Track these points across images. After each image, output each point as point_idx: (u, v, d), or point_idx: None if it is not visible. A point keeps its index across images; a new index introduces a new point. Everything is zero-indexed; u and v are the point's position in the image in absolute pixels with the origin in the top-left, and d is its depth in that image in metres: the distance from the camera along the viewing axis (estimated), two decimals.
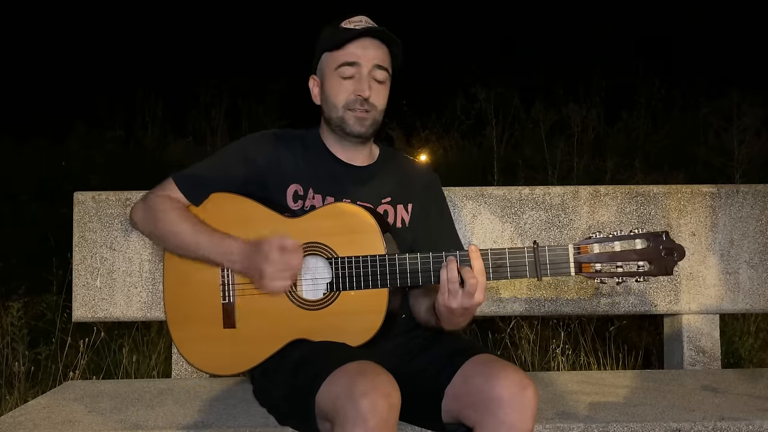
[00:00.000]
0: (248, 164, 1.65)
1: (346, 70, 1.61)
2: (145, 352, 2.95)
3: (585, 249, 1.42)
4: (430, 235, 1.72)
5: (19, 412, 1.70)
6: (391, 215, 1.69)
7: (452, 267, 1.41)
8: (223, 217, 1.60)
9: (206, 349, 1.60)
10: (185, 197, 1.63)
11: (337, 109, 1.63)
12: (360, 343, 1.50)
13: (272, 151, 1.67)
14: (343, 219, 1.53)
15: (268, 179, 1.64)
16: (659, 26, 8.24)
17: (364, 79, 1.61)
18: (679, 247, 1.40)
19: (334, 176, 1.67)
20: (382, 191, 1.69)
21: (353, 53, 1.61)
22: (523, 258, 1.44)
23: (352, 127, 1.63)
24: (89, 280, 2.15)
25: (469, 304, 1.40)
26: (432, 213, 1.76)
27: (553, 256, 1.43)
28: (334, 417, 1.28)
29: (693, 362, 2.24)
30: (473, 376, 1.39)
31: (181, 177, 1.65)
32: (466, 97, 5.82)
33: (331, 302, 1.52)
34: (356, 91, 1.61)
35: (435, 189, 1.81)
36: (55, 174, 5.32)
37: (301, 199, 1.64)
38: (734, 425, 1.58)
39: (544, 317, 3.20)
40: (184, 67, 7.26)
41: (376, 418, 1.23)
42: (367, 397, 1.24)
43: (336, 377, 1.33)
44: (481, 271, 1.40)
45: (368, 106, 1.62)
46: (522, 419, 1.31)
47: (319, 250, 1.53)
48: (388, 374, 1.33)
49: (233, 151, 1.69)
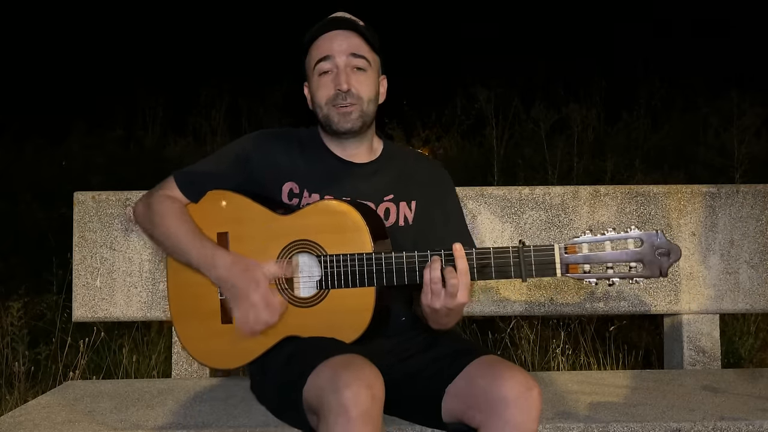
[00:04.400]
0: (245, 162, 1.65)
1: (322, 66, 1.60)
2: (145, 352, 2.95)
3: (573, 249, 1.36)
4: (435, 233, 1.69)
5: (19, 412, 1.70)
6: (393, 213, 1.67)
7: (435, 267, 1.40)
8: (218, 214, 1.61)
9: (206, 343, 1.62)
10: (183, 194, 1.64)
11: (321, 107, 1.63)
12: (351, 340, 1.50)
13: (269, 149, 1.67)
14: (333, 217, 1.53)
15: (264, 177, 1.65)
16: (659, 26, 8.24)
17: (341, 72, 1.59)
18: (674, 247, 1.33)
19: (333, 174, 1.66)
20: (383, 189, 1.68)
21: (324, 47, 1.60)
22: (508, 258, 1.41)
23: (337, 124, 1.61)
24: (89, 280, 2.15)
25: (453, 305, 1.39)
26: (438, 211, 1.73)
27: (538, 256, 1.39)
28: (319, 409, 1.28)
29: (693, 362, 2.24)
30: (478, 377, 1.39)
31: (180, 175, 1.66)
32: (466, 97, 5.82)
33: (321, 300, 1.53)
34: (335, 85, 1.59)
35: (442, 185, 1.77)
36: (55, 174, 5.31)
37: (296, 197, 1.63)
38: (734, 425, 1.58)
39: (544, 317, 3.20)
40: (185, 67, 7.26)
41: (359, 408, 1.23)
42: (350, 388, 1.24)
43: (321, 370, 1.33)
44: (465, 272, 1.39)
45: (352, 99, 1.60)
46: (527, 420, 1.31)
47: (310, 248, 1.53)
48: (373, 367, 1.32)
49: (231, 150, 1.70)
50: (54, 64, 7.46)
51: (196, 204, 1.64)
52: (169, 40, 7.86)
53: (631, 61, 6.59)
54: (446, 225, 1.73)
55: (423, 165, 1.78)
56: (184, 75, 6.87)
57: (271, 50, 7.17)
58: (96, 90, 6.70)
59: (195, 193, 1.64)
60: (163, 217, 1.59)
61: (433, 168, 1.79)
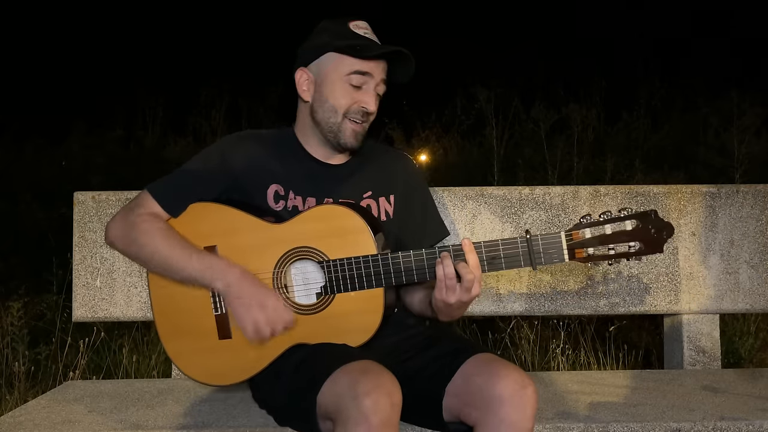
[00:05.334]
0: (225, 168, 1.61)
1: (356, 79, 1.57)
2: (145, 352, 2.95)
3: (576, 235, 1.42)
4: (415, 222, 1.73)
5: (19, 412, 1.70)
6: (374, 209, 1.68)
7: (448, 263, 1.41)
8: (206, 228, 1.55)
9: (204, 361, 1.57)
10: (163, 209, 1.57)
11: (336, 114, 1.59)
12: (359, 343, 1.50)
13: (248, 152, 1.63)
14: (332, 221, 1.51)
15: (246, 181, 1.61)
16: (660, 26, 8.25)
17: (372, 92, 1.59)
18: (668, 224, 1.41)
19: (311, 176, 1.65)
20: (362, 186, 1.68)
21: (369, 65, 1.57)
22: (517, 248, 1.43)
23: (347, 140, 1.60)
24: (89, 280, 2.15)
25: (467, 298, 1.42)
26: (416, 200, 1.76)
27: (546, 244, 1.43)
28: (336, 416, 1.28)
29: (693, 362, 2.24)
30: (474, 375, 1.39)
31: (157, 188, 1.59)
32: (466, 97, 5.82)
33: (327, 305, 1.51)
34: (361, 102, 1.58)
35: (415, 175, 1.80)
36: (55, 174, 5.31)
37: (282, 199, 1.61)
38: (734, 425, 1.58)
39: (544, 317, 3.20)
40: (185, 67, 7.26)
41: (379, 416, 1.23)
42: (370, 396, 1.24)
43: (338, 376, 1.33)
44: (476, 265, 1.41)
45: (367, 118, 1.61)
46: (522, 418, 1.32)
47: (309, 254, 1.51)
48: (390, 374, 1.33)
49: (208, 156, 1.64)
50: (54, 64, 7.46)
51: (176, 219, 1.58)
52: (169, 40, 7.86)
53: (631, 61, 6.60)
54: (424, 213, 1.77)
55: (394, 157, 1.79)
56: (184, 75, 6.88)
57: (271, 50, 7.16)
58: (96, 90, 6.71)
59: (176, 207, 1.58)
60: (151, 236, 1.52)
61: (403, 160, 1.80)
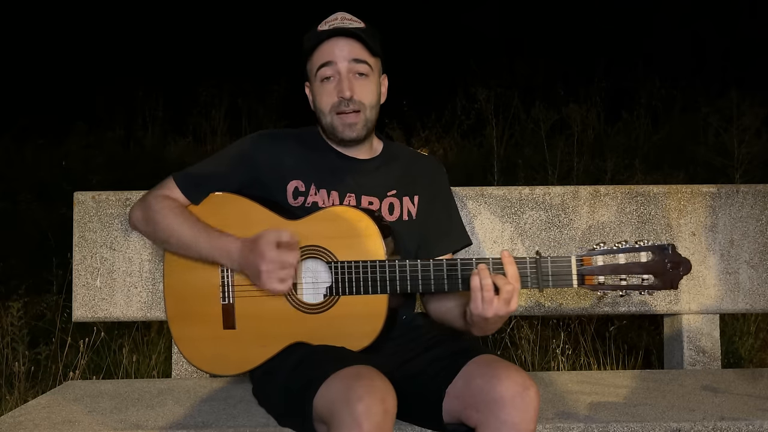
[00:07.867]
0: (247, 163, 1.65)
1: (324, 72, 1.60)
2: (145, 352, 2.95)
3: (588, 261, 1.39)
4: (440, 228, 1.73)
5: (19, 412, 1.70)
6: (397, 208, 1.68)
7: (484, 274, 1.38)
8: (223, 218, 1.59)
9: (206, 348, 1.60)
10: (185, 196, 1.63)
11: (325, 114, 1.63)
12: (360, 347, 1.50)
13: (271, 148, 1.67)
14: (344, 222, 1.51)
15: (268, 177, 1.64)
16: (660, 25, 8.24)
17: (344, 78, 1.59)
18: (685, 260, 1.37)
19: (336, 170, 1.66)
20: (387, 183, 1.69)
21: (327, 53, 1.59)
22: (525, 268, 1.42)
23: (342, 134, 1.62)
24: (89, 280, 2.15)
25: (505, 312, 1.39)
26: (439, 205, 1.76)
27: (555, 267, 1.41)
28: (330, 420, 1.28)
29: (693, 362, 2.24)
30: (475, 376, 1.39)
31: (181, 176, 1.65)
32: (466, 97, 5.82)
33: (331, 306, 1.51)
34: (338, 92, 1.59)
35: (441, 180, 1.81)
36: (55, 174, 5.31)
37: (302, 195, 1.63)
38: (734, 425, 1.58)
39: (544, 317, 3.20)
40: (185, 67, 7.25)
41: (371, 422, 1.23)
42: (363, 402, 1.24)
43: (333, 381, 1.33)
44: (516, 278, 1.39)
45: (355, 105, 1.60)
46: (524, 419, 1.32)
47: (319, 254, 1.52)
48: (385, 379, 1.32)
49: (232, 151, 1.69)
50: (54, 65, 7.45)
51: (197, 207, 1.62)
52: (169, 40, 7.85)
53: (631, 61, 6.60)
54: (449, 220, 1.78)
55: (422, 161, 1.81)
56: (184, 75, 6.86)
57: (271, 50, 7.16)
58: (96, 90, 6.69)
59: (197, 195, 1.63)
60: (165, 216, 1.58)
61: (431, 163, 1.82)
